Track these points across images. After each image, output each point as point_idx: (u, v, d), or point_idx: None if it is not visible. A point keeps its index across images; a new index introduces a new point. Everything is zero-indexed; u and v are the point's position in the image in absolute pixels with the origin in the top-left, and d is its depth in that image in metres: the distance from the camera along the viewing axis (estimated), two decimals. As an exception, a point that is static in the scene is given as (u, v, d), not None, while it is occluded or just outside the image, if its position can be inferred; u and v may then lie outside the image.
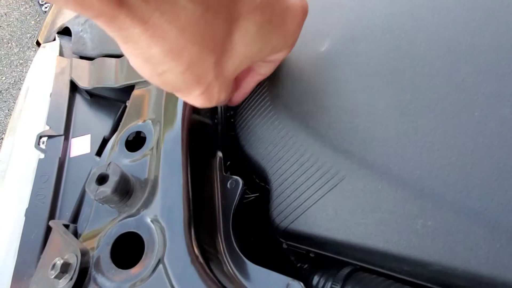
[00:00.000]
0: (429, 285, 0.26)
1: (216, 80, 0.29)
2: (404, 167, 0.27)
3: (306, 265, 0.35)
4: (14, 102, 2.02)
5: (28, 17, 2.43)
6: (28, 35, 2.36)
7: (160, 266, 0.29)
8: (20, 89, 0.59)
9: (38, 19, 2.38)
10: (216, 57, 0.27)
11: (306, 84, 0.35)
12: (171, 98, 0.40)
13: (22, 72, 2.20)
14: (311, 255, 0.33)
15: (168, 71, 0.26)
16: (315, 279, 0.31)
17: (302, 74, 0.37)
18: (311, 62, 0.36)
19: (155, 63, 0.25)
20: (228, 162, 0.41)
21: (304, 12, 0.31)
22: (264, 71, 0.36)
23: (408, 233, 0.25)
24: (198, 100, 0.30)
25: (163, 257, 0.29)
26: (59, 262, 0.31)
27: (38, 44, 0.70)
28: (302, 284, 0.27)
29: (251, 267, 0.29)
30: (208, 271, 0.28)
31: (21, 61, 2.34)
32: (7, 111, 2.06)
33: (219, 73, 0.28)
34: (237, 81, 0.37)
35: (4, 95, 2.12)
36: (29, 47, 2.31)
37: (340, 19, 0.37)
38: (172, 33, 0.24)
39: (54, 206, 0.40)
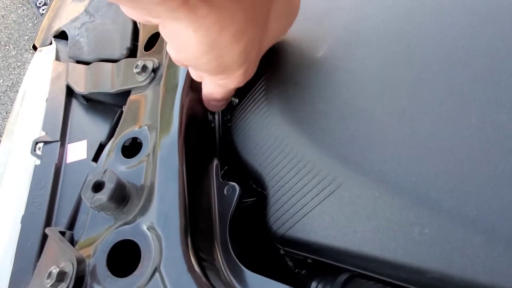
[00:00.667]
0: (426, 292, 0.26)
1: (257, 56, 0.30)
2: (401, 174, 0.27)
3: (303, 271, 0.35)
4: (11, 105, 2.01)
5: (25, 19, 2.42)
6: (26, 37, 2.35)
7: (157, 274, 0.29)
8: (17, 92, 0.58)
9: (35, 21, 2.38)
10: (262, 34, 0.29)
11: (303, 89, 0.35)
12: (167, 104, 0.39)
13: (20, 74, 2.19)
14: (309, 261, 0.33)
15: (229, 52, 0.27)
16: (313, 285, 0.31)
17: (299, 79, 0.36)
18: (308, 67, 0.36)
19: (220, 47, 0.26)
20: (226, 167, 0.41)
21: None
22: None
23: (405, 240, 0.25)
24: (237, 80, 0.31)
25: (160, 265, 0.29)
26: (55, 270, 0.30)
27: (35, 48, 0.70)
28: (299, 292, 0.27)
29: (249, 275, 0.29)
30: (204, 279, 0.28)
31: (18, 64, 2.34)
32: (5, 113, 2.06)
33: (259, 49, 0.30)
34: None
35: (1, 98, 2.11)
36: (26, 49, 2.30)
37: (337, 24, 0.37)
38: (240, 15, 0.25)
39: (51, 213, 0.40)
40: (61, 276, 0.30)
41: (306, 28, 0.32)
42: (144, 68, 0.44)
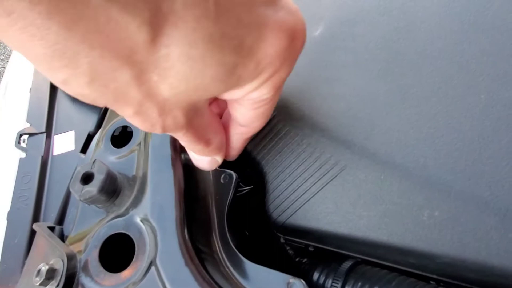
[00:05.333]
0: (435, 276, 0.25)
1: (150, 101, 0.21)
2: (407, 155, 0.25)
3: (305, 260, 0.33)
4: (-4, 100, 1.96)
5: (7, 11, 2.35)
6: (8, 29, 2.28)
7: (153, 268, 0.28)
8: None
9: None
10: (135, 70, 0.19)
11: (300, 71, 0.34)
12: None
13: (3, 68, 2.14)
14: (310, 249, 0.32)
15: (69, 79, 0.19)
16: (316, 274, 0.30)
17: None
18: (305, 48, 0.35)
19: (48, 68, 0.19)
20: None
21: (291, 35, 0.22)
22: (241, 117, 0.27)
23: (413, 224, 0.24)
24: (136, 122, 0.23)
25: (155, 259, 0.28)
26: (44, 268, 0.29)
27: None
28: (303, 282, 0.26)
29: (249, 265, 0.28)
30: (203, 272, 0.27)
31: (2, 57, 2.28)
32: (-10, 108, 2.00)
33: (150, 93, 0.21)
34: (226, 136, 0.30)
35: (-14, 92, 2.06)
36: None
37: (334, 1, 0.36)
38: (53, 30, 0.17)
39: (38, 208, 0.38)
40: (51, 273, 0.29)
41: (300, 5, 0.31)
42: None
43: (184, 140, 0.26)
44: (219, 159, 0.30)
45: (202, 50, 0.19)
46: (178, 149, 0.33)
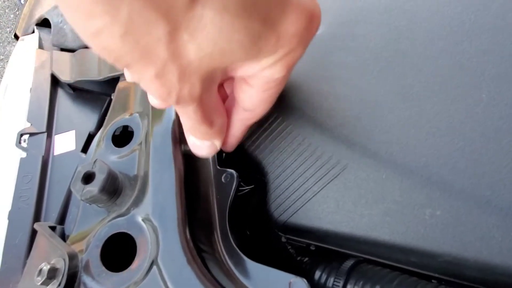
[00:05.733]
0: (437, 275, 0.25)
1: (173, 62, 0.21)
2: (409, 154, 0.25)
3: (306, 259, 0.33)
4: (-4, 100, 1.95)
5: (6, 10, 2.35)
6: (8, 29, 2.29)
7: (154, 267, 0.28)
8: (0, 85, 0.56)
9: (17, 12, 2.30)
10: (170, 26, 0.20)
11: (301, 71, 0.34)
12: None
13: (3, 68, 2.13)
14: (312, 248, 0.32)
15: (103, 29, 0.19)
16: (317, 273, 0.30)
17: (297, 59, 0.35)
18: (306, 47, 0.35)
19: (86, 13, 0.19)
20: (223, 154, 0.40)
21: (309, 17, 0.24)
22: (248, 99, 0.27)
23: (415, 223, 0.24)
24: (154, 87, 0.23)
25: (157, 258, 0.28)
26: (45, 267, 0.29)
27: (16, 37, 0.67)
28: (305, 281, 0.26)
29: (251, 265, 0.28)
30: (205, 271, 0.27)
31: (1, 57, 2.27)
32: (-11, 109, 2.00)
33: (177, 53, 0.21)
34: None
35: (-15, 92, 2.05)
36: (9, 41, 2.24)
37: (334, 1, 0.36)
38: None
39: (39, 208, 0.38)
40: (53, 272, 0.28)
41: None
42: (133, 53, 0.42)
43: (191, 117, 0.26)
44: (217, 144, 0.30)
45: (233, 14, 0.21)
46: (179, 148, 0.33)
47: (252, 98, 0.27)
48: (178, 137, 0.34)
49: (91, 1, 0.18)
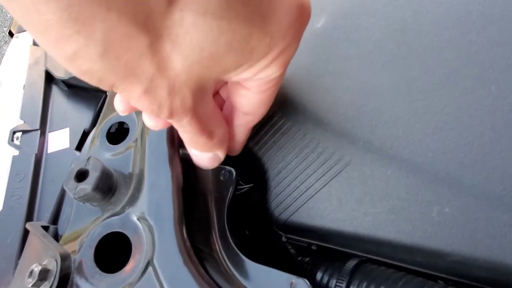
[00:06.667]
0: (444, 275, 0.24)
1: (160, 76, 0.20)
2: (415, 150, 0.24)
3: (307, 259, 0.32)
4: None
5: (4, 10, 2.33)
6: (5, 28, 2.27)
7: (150, 268, 0.27)
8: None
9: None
10: (150, 37, 0.18)
11: (302, 64, 0.33)
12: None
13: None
14: (313, 247, 0.31)
15: (79, 52, 0.18)
16: (319, 273, 0.29)
17: (297, 53, 0.34)
18: (306, 40, 0.33)
19: (57, 37, 0.17)
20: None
21: (300, 7, 0.22)
22: (247, 103, 0.27)
23: (422, 221, 0.23)
24: (144, 103, 0.21)
25: (153, 259, 0.27)
26: (36, 268, 0.28)
27: (11, 34, 0.66)
28: (307, 281, 0.25)
29: (250, 265, 0.27)
30: (203, 272, 0.26)
31: (-2, 56, 2.26)
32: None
33: (162, 65, 0.20)
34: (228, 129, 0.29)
35: (-18, 92, 2.04)
36: (6, 41, 2.23)
37: (336, -8, 0.35)
38: None
39: (32, 207, 0.37)
40: (44, 274, 0.27)
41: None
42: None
43: (187, 131, 0.25)
44: (221, 155, 0.29)
45: (217, 15, 0.19)
46: (175, 145, 0.32)
47: (251, 102, 0.26)
48: (174, 133, 0.33)
49: (60, 23, 0.16)
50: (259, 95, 0.26)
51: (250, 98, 0.26)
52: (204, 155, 0.29)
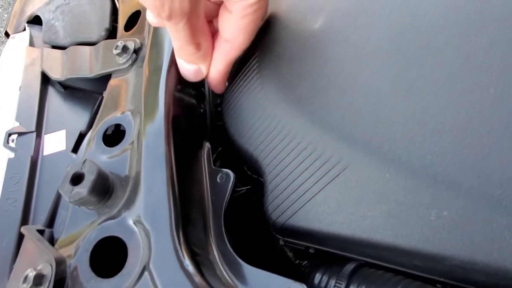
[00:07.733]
0: (442, 279, 0.24)
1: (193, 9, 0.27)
2: (413, 152, 0.24)
3: (305, 262, 0.32)
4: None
5: (0, 10, 2.32)
6: (1, 29, 2.26)
7: (146, 273, 0.26)
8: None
9: (11, 11, 2.28)
10: None
11: (299, 65, 0.32)
12: (151, 86, 0.36)
13: (-2, 68, 2.11)
14: (311, 251, 0.31)
15: None
16: (317, 277, 0.29)
17: (294, 54, 0.33)
18: (304, 41, 0.33)
19: None
20: (219, 149, 0.39)
21: None
22: (228, 28, 0.32)
23: (420, 225, 0.23)
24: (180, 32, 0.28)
25: (149, 263, 0.27)
26: (31, 273, 0.27)
27: (7, 35, 0.66)
28: (305, 286, 0.24)
29: (248, 269, 0.26)
30: (199, 276, 0.26)
31: (-4, 57, 2.25)
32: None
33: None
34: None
35: (-21, 92, 2.03)
36: (3, 42, 2.22)
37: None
38: None
39: (27, 210, 0.37)
40: (39, 279, 0.27)
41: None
42: (125, 49, 0.40)
43: (180, 37, 0.30)
44: (204, 70, 0.34)
45: None
46: (172, 147, 0.32)
47: (231, 26, 0.31)
48: (171, 135, 0.33)
49: None
50: (240, 20, 0.31)
51: (231, 23, 0.31)
52: (190, 67, 0.34)
